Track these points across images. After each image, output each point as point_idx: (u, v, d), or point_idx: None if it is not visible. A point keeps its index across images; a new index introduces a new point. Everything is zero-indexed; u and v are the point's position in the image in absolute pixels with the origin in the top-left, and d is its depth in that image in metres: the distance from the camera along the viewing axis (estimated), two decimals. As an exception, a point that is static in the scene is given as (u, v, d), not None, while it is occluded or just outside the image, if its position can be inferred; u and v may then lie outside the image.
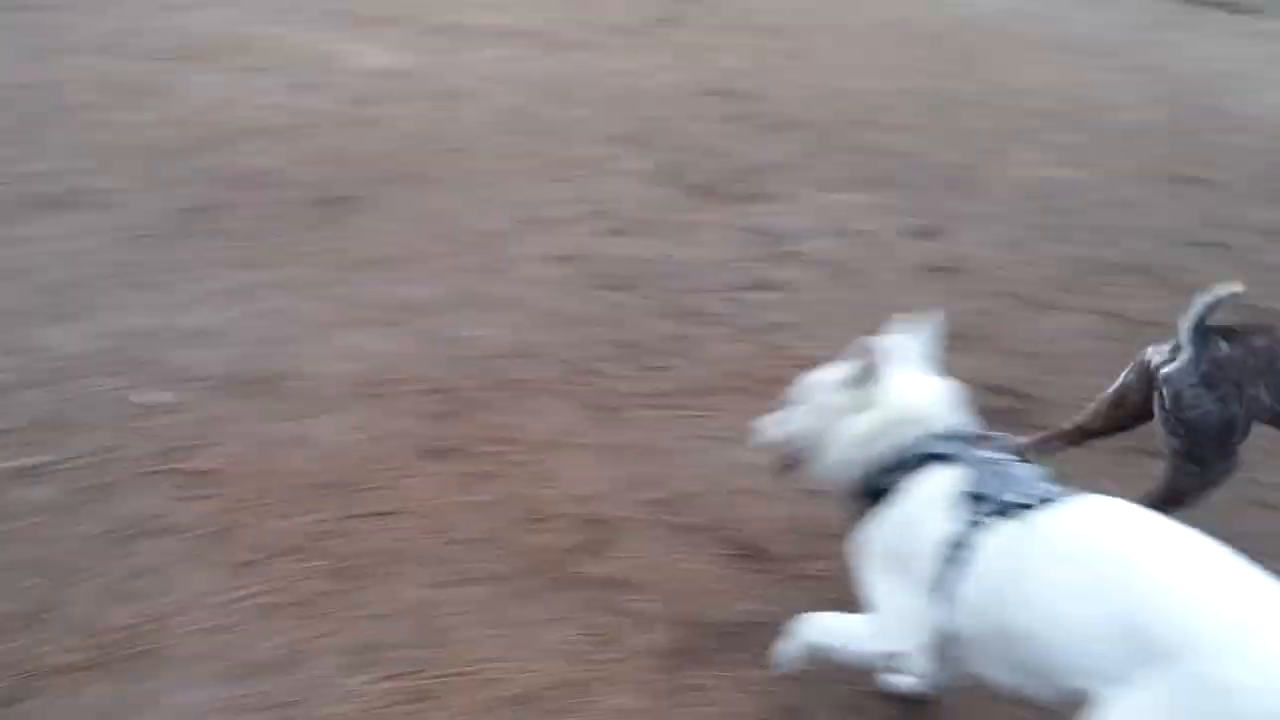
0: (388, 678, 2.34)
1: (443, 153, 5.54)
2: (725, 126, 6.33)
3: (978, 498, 1.91)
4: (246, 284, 3.99)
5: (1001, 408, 3.58)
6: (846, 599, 2.53)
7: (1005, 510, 1.87)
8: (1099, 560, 1.75)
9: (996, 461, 2.00)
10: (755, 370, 3.70)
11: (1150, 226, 5.31)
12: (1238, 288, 2.55)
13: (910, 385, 2.19)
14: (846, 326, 3.96)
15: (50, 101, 5.55)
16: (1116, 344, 4.03)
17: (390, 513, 2.88)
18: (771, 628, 2.48)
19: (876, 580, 2.05)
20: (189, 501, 2.80)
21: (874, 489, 2.09)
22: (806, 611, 2.20)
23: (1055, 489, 1.93)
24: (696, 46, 8.06)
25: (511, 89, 6.63)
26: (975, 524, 1.88)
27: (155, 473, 2.90)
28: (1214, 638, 1.56)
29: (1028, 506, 1.86)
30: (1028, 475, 1.97)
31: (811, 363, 3.67)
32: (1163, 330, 2.78)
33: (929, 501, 1.97)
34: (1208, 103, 7.87)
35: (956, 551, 1.88)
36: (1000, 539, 1.85)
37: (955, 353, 3.80)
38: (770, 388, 3.55)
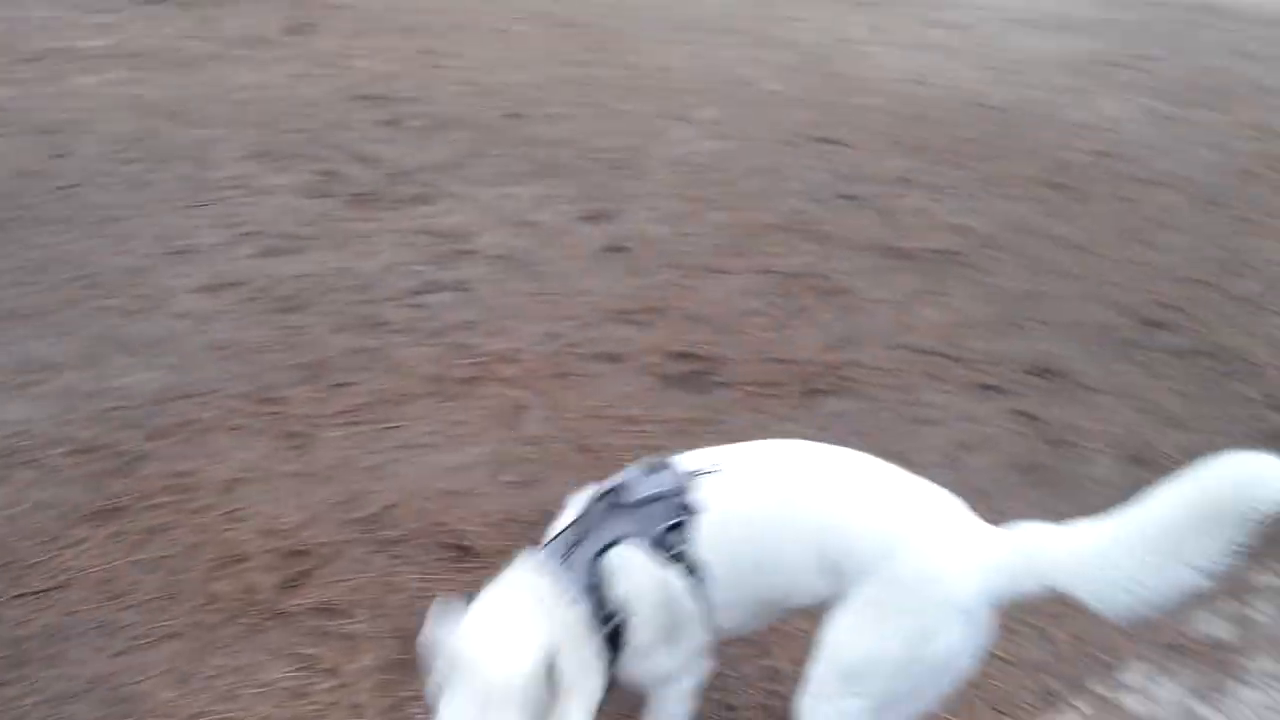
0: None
1: (55, 191, 5.03)
2: (378, 131, 6.20)
3: (664, 539, 1.86)
4: None
5: (688, 372, 3.78)
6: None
7: (678, 521, 1.86)
8: (789, 507, 1.88)
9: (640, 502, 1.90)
10: (445, 372, 3.68)
11: (795, 187, 5.77)
12: None
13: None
14: (529, 317, 4.06)
15: None
16: (778, 298, 4.37)
17: (54, 588, 2.59)
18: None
19: (653, 658, 1.92)
20: None
21: (609, 622, 1.84)
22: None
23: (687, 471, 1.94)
24: (334, 53, 7.83)
25: (129, 114, 6.14)
26: (677, 539, 1.85)
27: None
28: (895, 547, 1.79)
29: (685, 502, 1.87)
30: (658, 482, 1.92)
31: (500, 357, 3.75)
32: (815, 281, 3.00)
33: (642, 578, 1.85)
34: (831, 69, 8.65)
35: (691, 570, 1.86)
36: (707, 529, 1.86)
37: (639, 327, 4.01)
38: (462, 387, 3.58)
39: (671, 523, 1.86)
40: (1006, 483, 3.25)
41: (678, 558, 1.85)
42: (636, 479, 1.94)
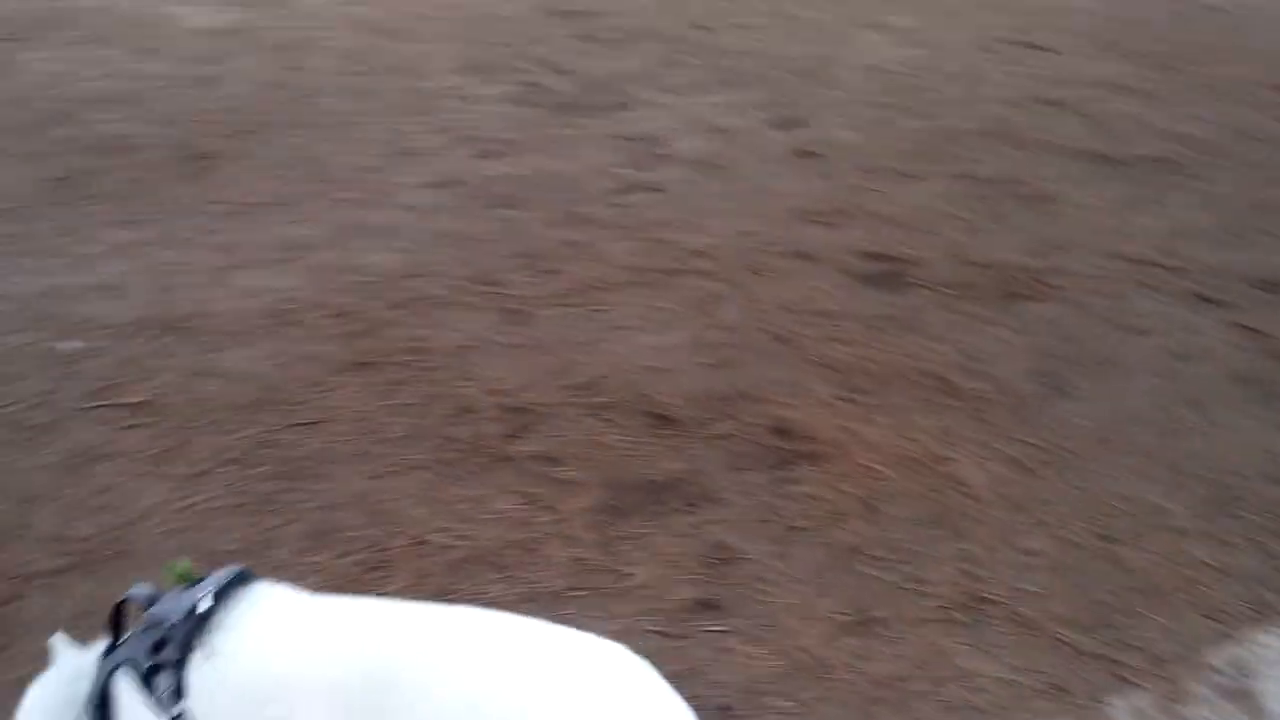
0: (346, 554, 2.54)
1: (296, 100, 5.56)
2: (574, 44, 6.50)
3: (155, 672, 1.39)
4: (131, 241, 4.02)
5: (881, 271, 3.94)
6: (749, 454, 2.87)
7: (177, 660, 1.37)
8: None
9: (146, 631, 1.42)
10: (646, 264, 3.96)
11: (994, 94, 5.72)
12: None
13: None
14: (723, 216, 4.29)
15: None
16: (975, 203, 4.44)
17: (319, 422, 3.04)
18: (687, 482, 2.80)
19: None
20: (129, 430, 2.92)
21: None
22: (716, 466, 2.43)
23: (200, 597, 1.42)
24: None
25: (351, 32, 6.63)
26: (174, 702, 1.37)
27: (93, 409, 3.00)
28: None
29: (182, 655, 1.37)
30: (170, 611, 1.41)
31: (696, 252, 4.01)
32: (1016, 187, 3.09)
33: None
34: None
35: None
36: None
37: (830, 228, 4.18)
38: (662, 278, 3.86)
39: (155, 664, 1.38)
40: (1224, 394, 3.26)
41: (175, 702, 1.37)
42: (169, 594, 1.47)
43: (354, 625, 1.40)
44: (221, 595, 1.41)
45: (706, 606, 2.38)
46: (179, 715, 1.36)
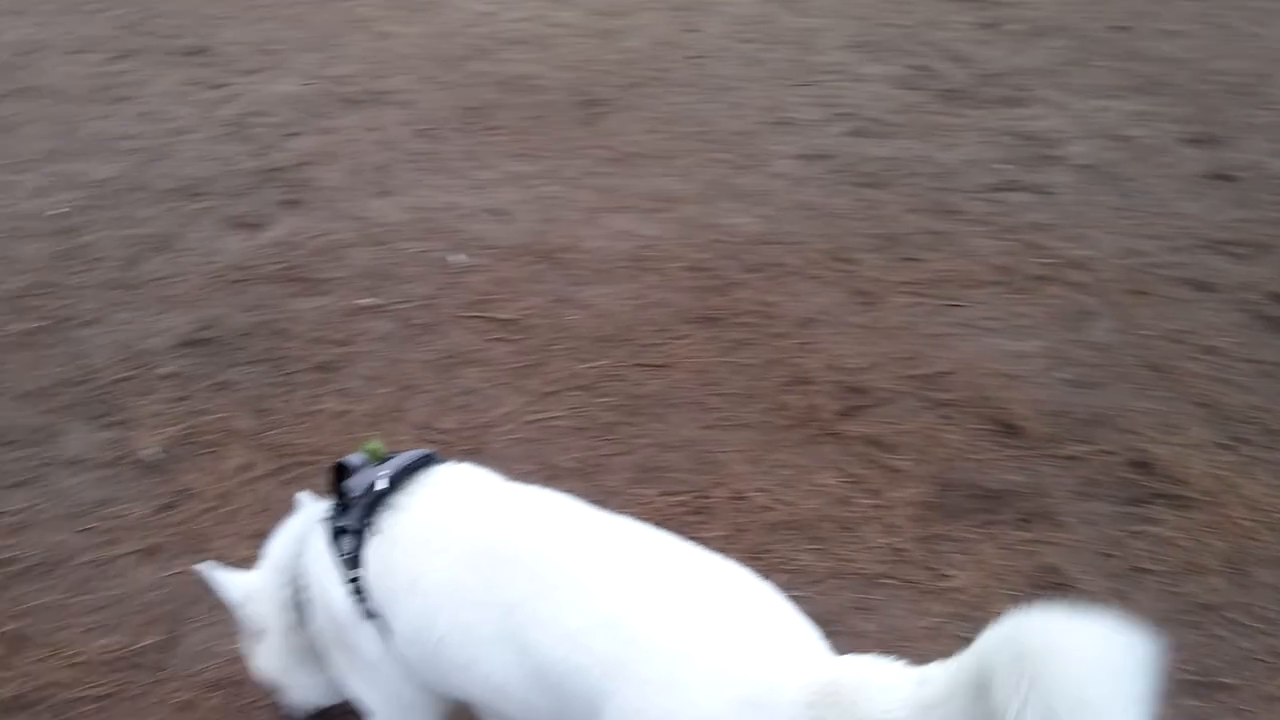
0: (670, 494, 2.64)
1: (687, 59, 5.75)
2: (975, 33, 6.23)
3: (341, 534, 1.57)
4: (524, 173, 4.36)
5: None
6: (1100, 481, 2.65)
7: (356, 530, 1.55)
8: (481, 575, 1.42)
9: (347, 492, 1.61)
10: (1014, 266, 3.75)
11: None
12: None
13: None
14: (1110, 230, 3.97)
15: (343, 15, 6.11)
16: None
17: (663, 366, 3.17)
18: (1024, 497, 2.63)
19: (346, 679, 1.69)
20: (496, 342, 3.20)
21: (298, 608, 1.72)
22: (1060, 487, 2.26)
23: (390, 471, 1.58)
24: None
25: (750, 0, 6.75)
26: (351, 568, 1.55)
27: (468, 318, 3.32)
28: (616, 671, 1.27)
29: (369, 513, 1.54)
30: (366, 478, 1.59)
31: (1073, 262, 3.74)
32: None
33: (318, 572, 1.62)
34: None
35: (359, 605, 1.55)
36: (375, 561, 1.53)
37: (1237, 260, 3.75)
38: (1030, 283, 3.64)
39: (342, 526, 1.57)
40: None
41: (352, 568, 1.55)
42: (363, 463, 1.63)
43: (499, 509, 1.54)
44: (400, 478, 1.57)
45: (1027, 627, 2.24)
46: (354, 580, 1.54)
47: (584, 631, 1.29)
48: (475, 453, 2.68)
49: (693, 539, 1.40)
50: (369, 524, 1.54)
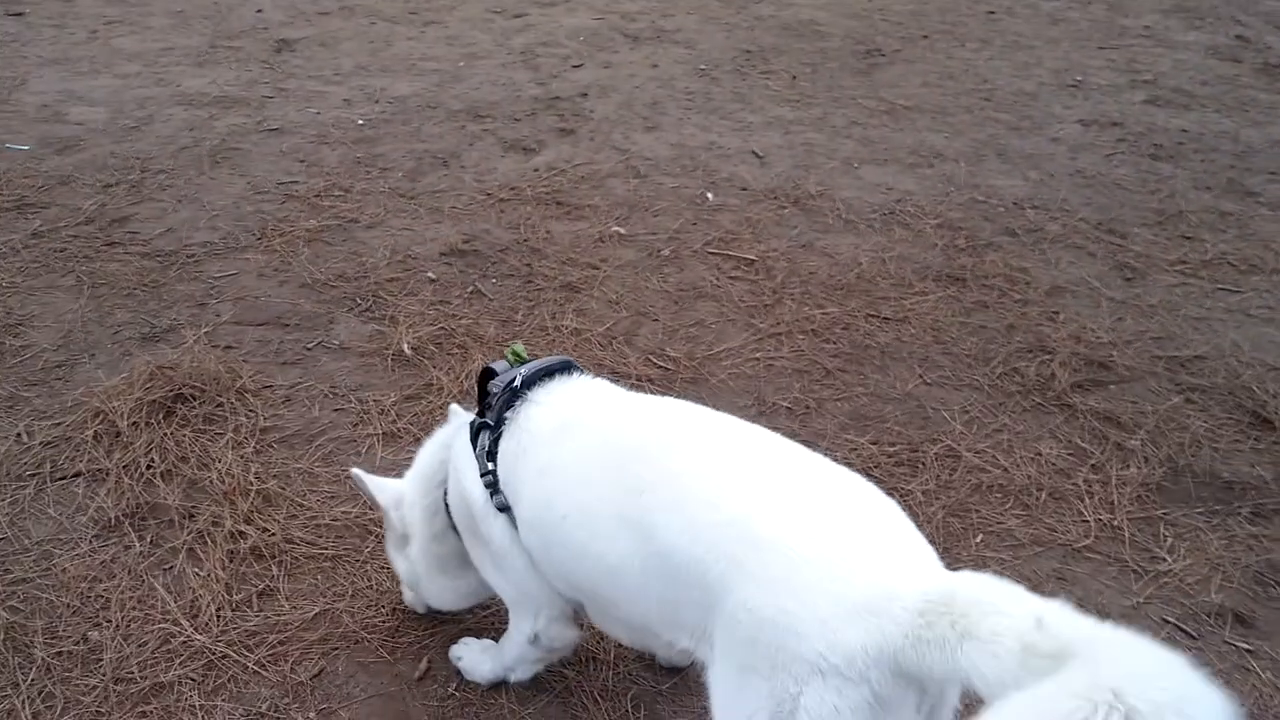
0: (880, 443, 2.64)
1: (979, 14, 5.51)
2: (1319, 2, 5.58)
3: (481, 430, 1.69)
4: (790, 118, 4.39)
5: None
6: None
7: (495, 426, 1.66)
8: (607, 477, 1.48)
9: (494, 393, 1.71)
10: (1306, 255, 3.42)
11: None
12: None
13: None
14: None
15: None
16: None
17: (896, 319, 3.15)
18: (1265, 492, 2.44)
19: (485, 571, 1.82)
20: (734, 280, 3.30)
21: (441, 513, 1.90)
22: None
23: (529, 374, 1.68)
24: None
25: (1069, -45, 6.34)
26: (489, 460, 1.67)
27: (710, 254, 3.43)
28: (737, 574, 1.28)
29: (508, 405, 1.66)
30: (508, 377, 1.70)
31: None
32: None
33: (459, 467, 1.77)
34: None
35: (492, 497, 1.68)
36: (505, 456, 1.64)
37: None
38: (1320, 273, 3.30)
39: (482, 422, 1.68)
40: None
41: (490, 461, 1.66)
42: (506, 368, 1.75)
43: (629, 408, 1.62)
44: (535, 378, 1.66)
45: (1239, 620, 2.11)
46: (488, 473, 1.65)
47: (709, 526, 1.32)
48: (695, 383, 2.81)
49: (893, 489, 1.43)
50: (504, 419, 1.65)
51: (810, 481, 1.37)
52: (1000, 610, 1.09)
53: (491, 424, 1.66)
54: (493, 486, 1.66)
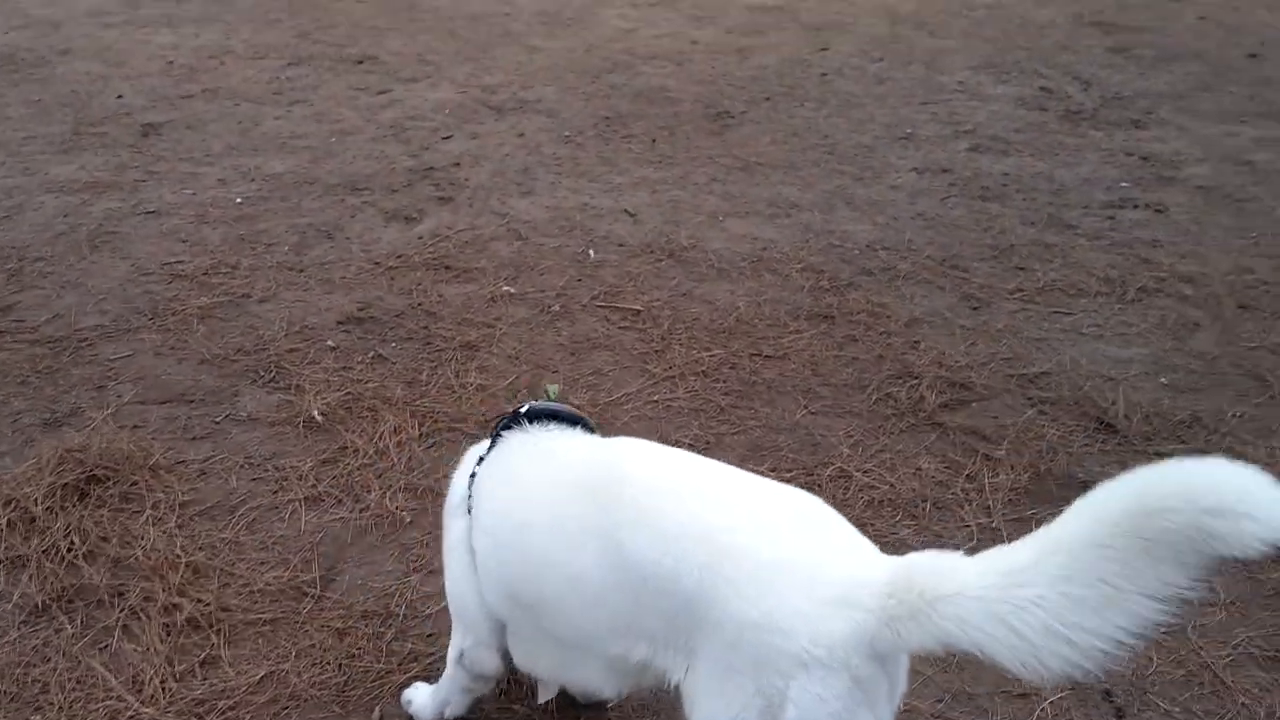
0: (778, 470, 2.88)
1: (815, 77, 5.97)
2: (1104, 57, 6.28)
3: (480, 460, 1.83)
4: (654, 178, 4.67)
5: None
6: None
7: (492, 441, 1.82)
8: (584, 505, 1.60)
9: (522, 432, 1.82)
10: (1126, 279, 3.87)
11: None
12: None
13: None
14: (1223, 249, 4.04)
15: (495, 29, 6.55)
16: None
17: (777, 356, 3.41)
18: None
19: (447, 582, 1.92)
20: (624, 330, 3.50)
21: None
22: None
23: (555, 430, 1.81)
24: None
25: (883, 21, 6.92)
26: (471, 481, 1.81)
27: (598, 307, 3.63)
28: (715, 583, 1.41)
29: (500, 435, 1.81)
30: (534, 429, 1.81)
31: (1183, 277, 3.83)
32: None
33: (457, 477, 1.91)
34: None
35: (466, 499, 1.82)
36: (489, 493, 1.77)
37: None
38: (1138, 295, 3.75)
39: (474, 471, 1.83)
40: None
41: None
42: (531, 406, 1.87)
43: (607, 444, 1.77)
44: (540, 413, 1.80)
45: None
46: (473, 475, 1.79)
47: (679, 539, 1.44)
48: (601, 427, 2.97)
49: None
50: (499, 436, 1.81)
51: (763, 496, 1.54)
52: (955, 567, 1.28)
53: (490, 439, 1.82)
54: (471, 491, 1.80)
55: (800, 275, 3.90)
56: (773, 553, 1.39)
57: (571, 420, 1.84)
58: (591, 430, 1.86)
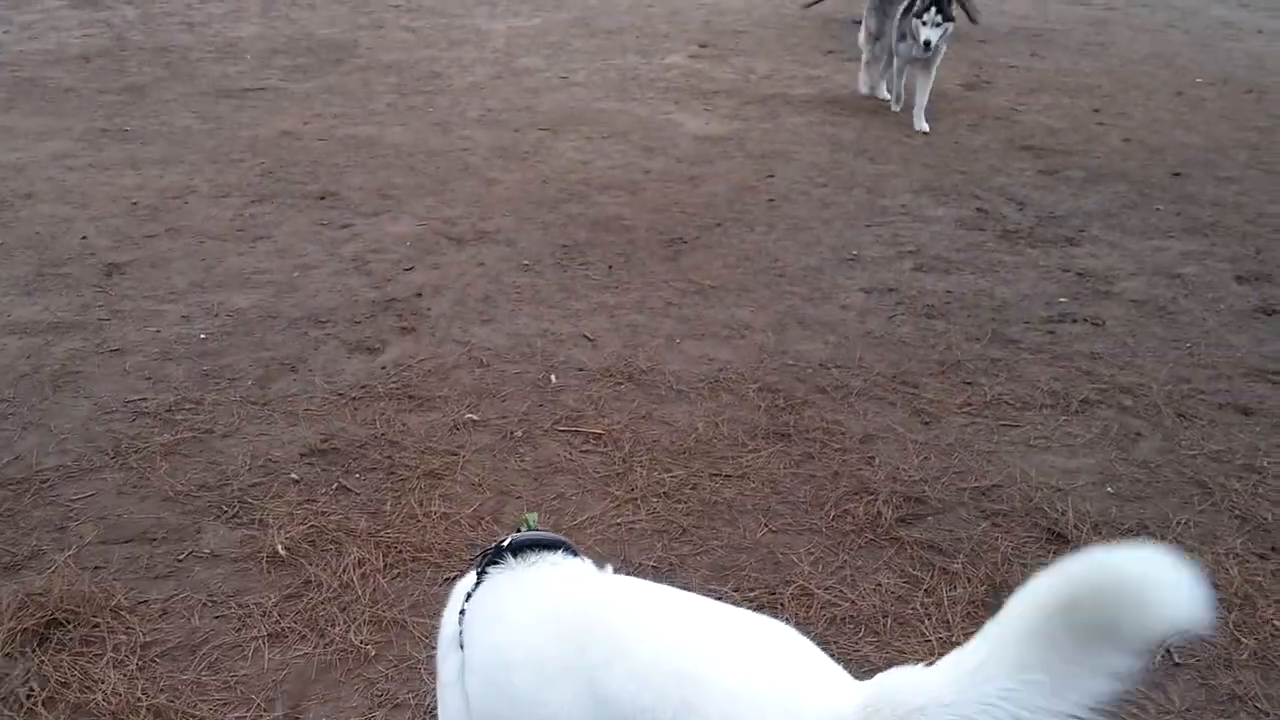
0: (741, 589, 2.92)
1: (763, 202, 6.21)
2: (1037, 179, 6.60)
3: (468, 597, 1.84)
4: (612, 304, 4.79)
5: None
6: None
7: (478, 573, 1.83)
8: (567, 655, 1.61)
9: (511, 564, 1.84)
10: (1066, 390, 4.02)
11: None
12: None
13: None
14: (1160, 359, 4.23)
15: (454, 164, 6.76)
16: None
17: (736, 476, 3.49)
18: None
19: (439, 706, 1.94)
20: (586, 454, 3.56)
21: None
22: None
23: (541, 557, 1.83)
24: (1005, 107, 8.36)
25: (825, 148, 7.24)
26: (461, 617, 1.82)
27: (560, 431, 3.69)
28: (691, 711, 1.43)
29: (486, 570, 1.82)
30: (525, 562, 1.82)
31: (1123, 388, 3.99)
32: None
33: (447, 614, 1.91)
34: None
35: (457, 635, 1.83)
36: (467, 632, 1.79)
37: (1278, 388, 3.97)
38: (1081, 406, 3.90)
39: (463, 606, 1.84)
40: None
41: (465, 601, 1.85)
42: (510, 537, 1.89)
43: (586, 578, 1.79)
44: (523, 545, 1.82)
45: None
46: (462, 611, 1.81)
47: (656, 676, 1.47)
48: (568, 545, 3.03)
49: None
50: (485, 571, 1.84)
51: (735, 628, 1.57)
52: (921, 680, 1.32)
53: (478, 572, 1.84)
54: (461, 627, 1.81)
55: (757, 395, 4.00)
56: (749, 687, 1.42)
57: (553, 545, 1.87)
58: (574, 552, 1.89)
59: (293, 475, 3.46)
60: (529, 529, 1.97)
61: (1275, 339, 4.43)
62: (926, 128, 7.64)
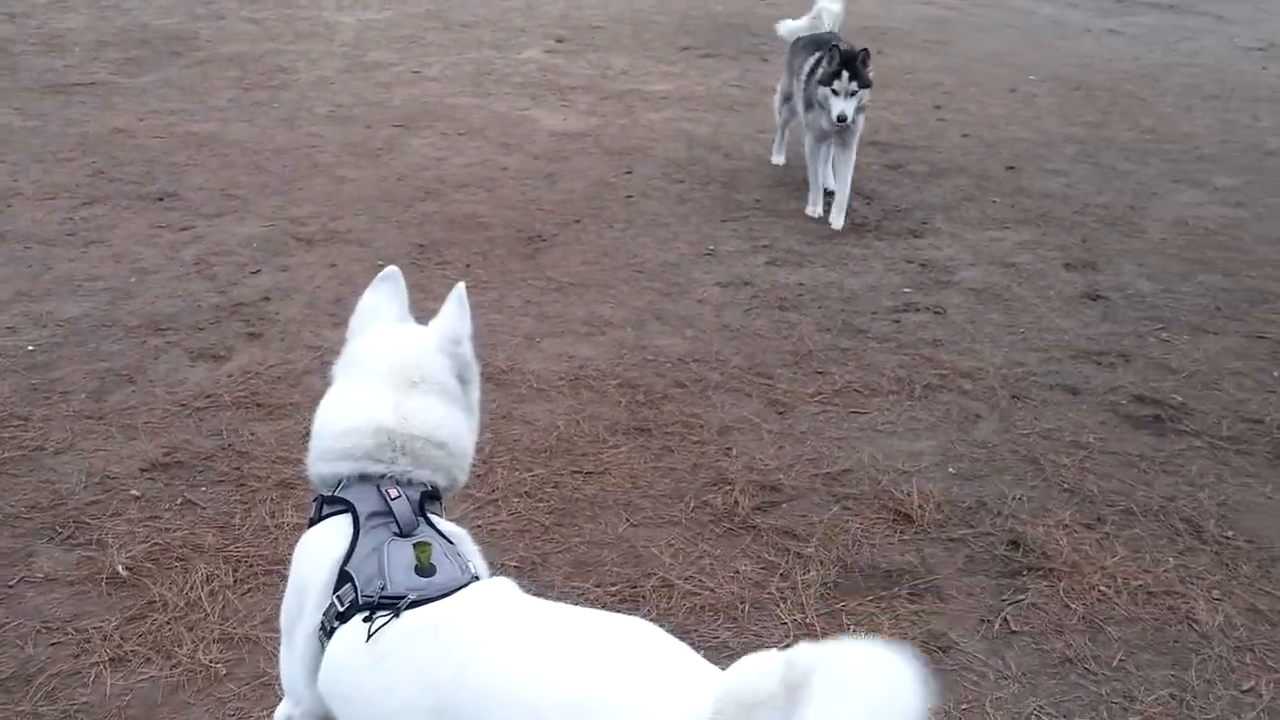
0: (603, 585, 2.94)
1: (620, 199, 6.25)
2: (883, 173, 6.85)
3: (349, 579, 1.72)
4: (470, 304, 4.73)
5: (1149, 415, 3.95)
6: (980, 559, 3.02)
7: (365, 608, 1.67)
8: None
9: (383, 538, 1.78)
10: (910, 377, 4.19)
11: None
12: None
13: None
14: (996, 345, 4.45)
15: (302, 161, 6.56)
16: (1268, 362, 4.32)
17: (596, 472, 3.50)
18: (915, 575, 2.99)
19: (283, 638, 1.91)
20: (444, 455, 3.51)
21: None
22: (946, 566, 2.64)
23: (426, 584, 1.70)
24: (856, 104, 8.63)
25: (681, 144, 7.33)
26: (337, 613, 1.71)
27: (417, 433, 3.63)
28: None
29: (383, 607, 1.66)
30: (405, 563, 1.73)
31: (962, 373, 4.18)
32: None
33: (314, 566, 1.80)
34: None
35: (320, 639, 1.74)
36: (347, 644, 1.67)
37: (1105, 369, 4.23)
38: (924, 392, 4.07)
39: (361, 599, 1.71)
40: None
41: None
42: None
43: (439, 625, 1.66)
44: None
45: (913, 685, 2.56)
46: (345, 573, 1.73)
47: (495, 706, 1.46)
48: (426, 550, 2.98)
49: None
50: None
51: (596, 635, 1.55)
52: (756, 671, 1.33)
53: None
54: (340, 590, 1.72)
55: (617, 391, 4.03)
56: (604, 697, 1.41)
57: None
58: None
59: (133, 491, 3.31)
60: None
61: (1100, 322, 4.72)
62: (841, 225, 5.94)
